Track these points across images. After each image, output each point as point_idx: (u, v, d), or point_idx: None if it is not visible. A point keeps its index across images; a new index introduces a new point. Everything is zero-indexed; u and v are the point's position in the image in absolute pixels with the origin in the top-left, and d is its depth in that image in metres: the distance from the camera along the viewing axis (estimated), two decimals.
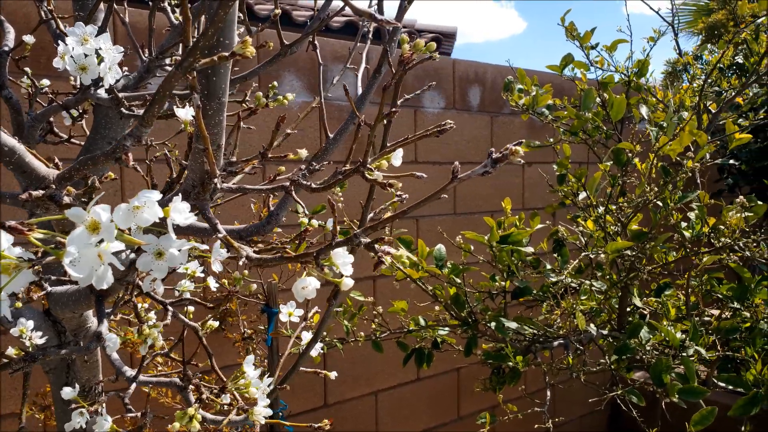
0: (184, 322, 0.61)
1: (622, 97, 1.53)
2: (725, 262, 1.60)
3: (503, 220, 1.42)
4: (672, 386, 1.20)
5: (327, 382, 2.03)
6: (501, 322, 1.36)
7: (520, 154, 0.40)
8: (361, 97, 0.81)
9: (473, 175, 0.42)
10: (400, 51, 0.76)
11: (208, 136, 0.41)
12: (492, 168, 0.41)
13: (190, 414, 0.53)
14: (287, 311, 0.82)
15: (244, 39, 0.37)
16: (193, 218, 0.37)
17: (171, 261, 0.41)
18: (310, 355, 0.78)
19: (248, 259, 0.44)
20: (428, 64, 2.30)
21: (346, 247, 0.46)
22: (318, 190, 0.53)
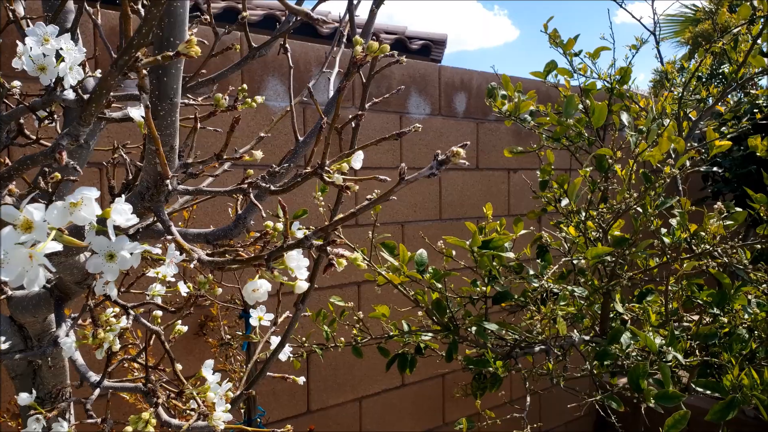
0: (146, 326, 0.61)
1: (603, 103, 1.54)
2: (706, 268, 1.61)
3: (485, 225, 1.42)
4: (648, 391, 1.20)
5: (310, 389, 2.02)
6: (482, 326, 1.36)
7: (462, 155, 0.40)
8: (331, 101, 0.81)
9: (420, 177, 0.42)
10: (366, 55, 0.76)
11: (159, 137, 0.41)
12: (437, 170, 0.41)
13: (144, 419, 0.52)
14: (257, 316, 0.81)
15: (189, 38, 0.37)
16: (135, 219, 0.37)
17: (122, 263, 0.41)
18: (280, 359, 0.78)
19: (200, 261, 0.43)
20: (414, 70, 2.31)
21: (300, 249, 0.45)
22: (277, 193, 0.53)
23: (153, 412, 0.54)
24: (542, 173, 1.73)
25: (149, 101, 0.40)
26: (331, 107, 0.80)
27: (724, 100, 2.29)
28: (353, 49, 0.50)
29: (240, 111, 0.79)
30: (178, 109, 0.48)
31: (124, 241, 0.41)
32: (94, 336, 0.54)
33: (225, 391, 0.62)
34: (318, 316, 1.39)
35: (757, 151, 1.86)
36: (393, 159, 2.24)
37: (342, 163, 0.54)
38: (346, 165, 0.55)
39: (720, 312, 1.62)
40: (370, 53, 0.48)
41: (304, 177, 0.52)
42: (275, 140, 1.90)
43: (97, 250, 0.39)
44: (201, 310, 1.68)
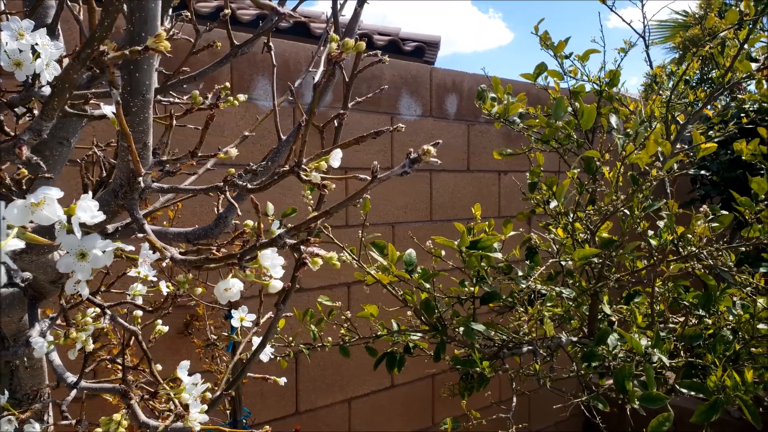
0: (123, 326, 0.61)
1: (592, 106, 1.55)
2: (692, 270, 1.62)
3: (473, 225, 1.43)
4: (633, 393, 1.21)
5: (299, 389, 2.02)
6: (469, 327, 1.36)
7: (432, 153, 0.40)
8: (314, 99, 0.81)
9: (392, 175, 0.43)
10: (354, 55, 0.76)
11: (131, 133, 0.41)
12: (410, 168, 0.41)
13: (116, 420, 0.52)
14: (238, 316, 0.81)
15: (158, 33, 0.37)
16: (101, 216, 0.36)
17: (94, 262, 0.40)
18: (263, 360, 0.78)
19: (173, 260, 0.43)
20: (405, 71, 2.31)
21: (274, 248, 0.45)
22: (254, 191, 0.53)
23: (126, 413, 0.53)
24: (531, 175, 1.74)
25: (121, 97, 0.40)
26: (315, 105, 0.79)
27: (712, 104, 2.30)
28: (329, 46, 0.50)
29: (222, 109, 0.79)
30: (152, 105, 0.48)
31: (95, 240, 0.41)
32: (66, 336, 0.54)
33: (201, 392, 0.62)
34: (305, 315, 1.39)
35: (742, 155, 1.87)
36: (384, 160, 2.24)
37: (320, 162, 0.54)
38: (324, 163, 0.55)
39: (705, 314, 1.63)
40: (345, 50, 0.48)
41: (281, 175, 0.52)
42: (264, 140, 1.90)
43: (67, 249, 0.39)
44: (187, 309, 1.67)
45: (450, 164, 2.47)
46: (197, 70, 0.78)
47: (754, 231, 1.51)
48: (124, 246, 0.45)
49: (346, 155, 2.18)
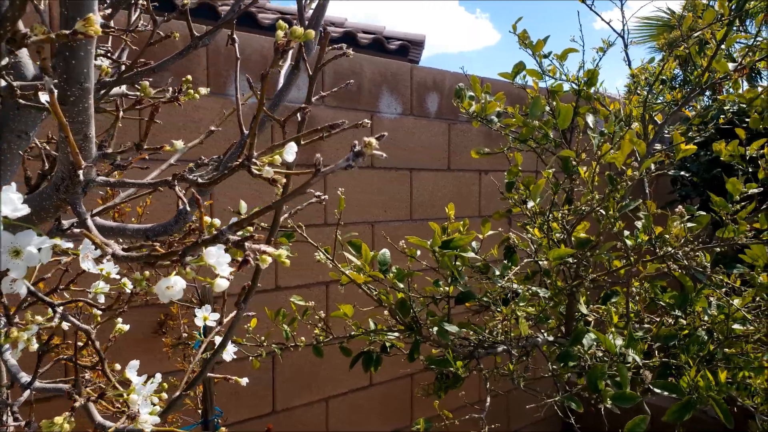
0: (74, 325, 0.59)
1: (568, 105, 1.54)
2: (668, 271, 1.62)
3: (447, 225, 1.42)
4: (606, 392, 1.21)
5: (276, 388, 2.00)
6: (443, 327, 1.35)
7: (374, 146, 0.39)
8: (279, 94, 0.79)
9: (337, 169, 0.41)
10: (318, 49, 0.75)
11: (67, 123, 0.39)
12: (353, 161, 0.40)
13: (58, 423, 0.50)
14: (202, 315, 0.79)
15: (88, 17, 0.35)
16: (25, 210, 0.35)
17: (29, 260, 0.39)
18: (224, 359, 0.76)
19: (114, 256, 0.41)
20: (385, 69, 2.30)
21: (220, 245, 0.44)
22: (205, 186, 0.51)
23: (69, 415, 0.51)
24: (509, 175, 1.73)
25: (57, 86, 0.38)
26: (278, 99, 0.78)
27: (691, 104, 2.32)
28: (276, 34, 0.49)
29: (198, 105, 0.77)
30: (92, 95, 0.46)
31: (31, 237, 0.39)
32: (6, 335, 0.52)
33: (151, 392, 0.60)
34: (277, 315, 1.37)
35: (721, 155, 1.88)
36: (363, 158, 2.23)
37: (274, 156, 0.53)
38: (279, 157, 0.53)
39: (681, 314, 1.64)
40: (293, 38, 0.47)
41: (231, 169, 0.50)
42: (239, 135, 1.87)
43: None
44: (160, 308, 1.65)
45: (430, 163, 2.46)
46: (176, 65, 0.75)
47: (729, 232, 1.52)
48: (62, 243, 0.43)
49: (324, 154, 2.16)
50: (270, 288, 1.96)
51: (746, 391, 1.40)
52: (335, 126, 0.53)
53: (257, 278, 0.73)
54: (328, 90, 2.11)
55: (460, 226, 1.44)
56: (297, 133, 0.75)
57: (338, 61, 2.14)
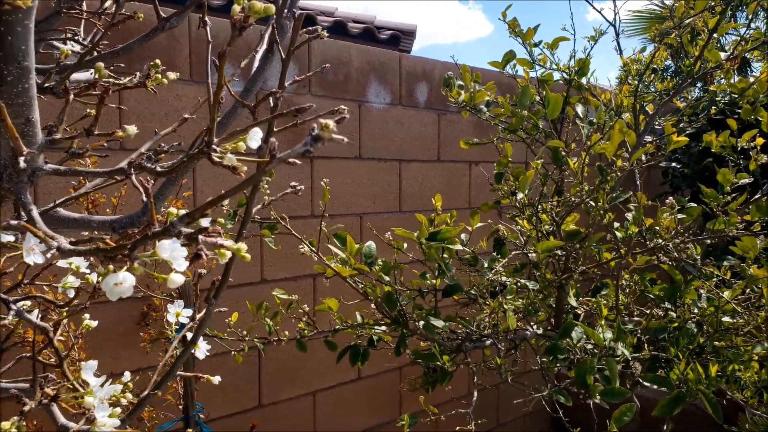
0: (30, 323, 0.55)
1: (558, 95, 1.51)
2: (658, 263, 1.60)
3: (434, 216, 1.39)
4: (594, 387, 1.19)
5: (261, 383, 1.97)
6: (429, 321, 1.33)
7: (332, 128, 0.36)
8: (252, 79, 0.75)
9: (294, 154, 0.38)
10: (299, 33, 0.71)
11: (3, 105, 0.36)
12: (312, 146, 0.37)
13: (5, 428, 0.47)
14: (174, 311, 0.76)
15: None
16: None
17: None
18: (198, 356, 0.73)
19: (59, 250, 0.38)
20: (373, 57, 2.26)
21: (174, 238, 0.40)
22: (163, 174, 0.48)
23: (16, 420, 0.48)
24: (498, 165, 1.70)
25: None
26: (252, 84, 0.74)
27: (682, 95, 2.29)
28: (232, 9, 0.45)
29: (179, 93, 0.74)
30: (33, 75, 0.42)
31: None
32: None
33: (110, 394, 0.57)
34: (259, 309, 1.34)
35: (711, 147, 1.86)
36: (350, 148, 2.19)
37: (237, 143, 0.49)
38: (243, 144, 0.50)
39: (671, 306, 1.62)
40: (252, 14, 0.43)
41: (191, 157, 0.46)
42: None
43: None
44: (143, 300, 1.61)
45: (420, 154, 2.43)
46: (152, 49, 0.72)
47: (719, 223, 1.50)
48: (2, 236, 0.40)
49: None
50: (255, 281, 1.93)
51: (736, 384, 1.38)
52: (302, 110, 0.49)
53: (228, 272, 0.70)
54: (314, 80, 2.07)
55: (447, 218, 1.41)
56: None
57: (326, 49, 2.10)
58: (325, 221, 2.14)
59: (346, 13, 4.88)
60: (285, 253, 1.96)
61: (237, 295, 1.89)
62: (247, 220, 0.69)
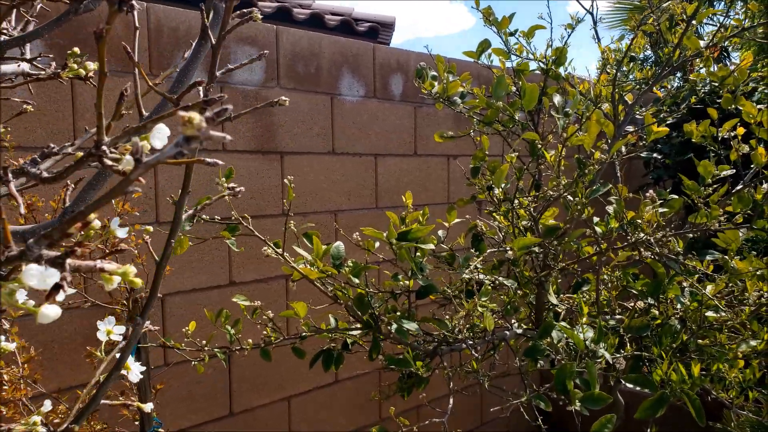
0: None
1: (534, 85, 1.45)
2: (639, 258, 1.55)
3: (405, 215, 1.32)
4: (574, 394, 1.13)
5: (232, 389, 1.89)
6: (401, 325, 1.26)
7: (197, 123, 0.28)
8: (183, 70, 0.67)
9: (164, 158, 0.30)
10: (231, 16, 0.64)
11: None
12: (185, 147, 0.29)
13: None
14: (104, 329, 0.68)
15: None
16: None
17: None
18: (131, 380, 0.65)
19: None
20: (345, 49, 2.17)
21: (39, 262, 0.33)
22: (49, 181, 0.40)
23: None
24: (474, 159, 1.64)
25: None
26: (183, 76, 0.66)
27: (662, 85, 2.24)
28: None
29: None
30: None
31: None
32: None
33: None
34: (218, 316, 1.26)
35: (692, 137, 1.81)
36: (324, 143, 2.11)
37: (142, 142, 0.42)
38: (147, 143, 0.42)
39: (654, 302, 1.58)
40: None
41: (79, 161, 0.39)
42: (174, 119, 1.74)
43: None
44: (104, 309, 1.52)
45: (396, 148, 2.36)
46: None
47: (701, 216, 1.45)
48: None
49: (280, 138, 2.04)
50: (223, 284, 1.85)
51: (721, 383, 1.33)
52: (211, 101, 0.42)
53: (157, 287, 0.62)
54: (284, 73, 1.99)
55: (419, 216, 1.34)
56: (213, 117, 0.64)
57: (296, 40, 2.01)
58: (298, 219, 2.06)
59: (323, 6, 4.78)
60: (255, 253, 1.88)
61: (204, 300, 1.80)
62: (176, 227, 0.61)
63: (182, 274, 1.75)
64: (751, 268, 1.51)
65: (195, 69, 0.70)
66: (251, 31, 1.90)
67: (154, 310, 1.71)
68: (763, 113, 1.60)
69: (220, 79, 1.83)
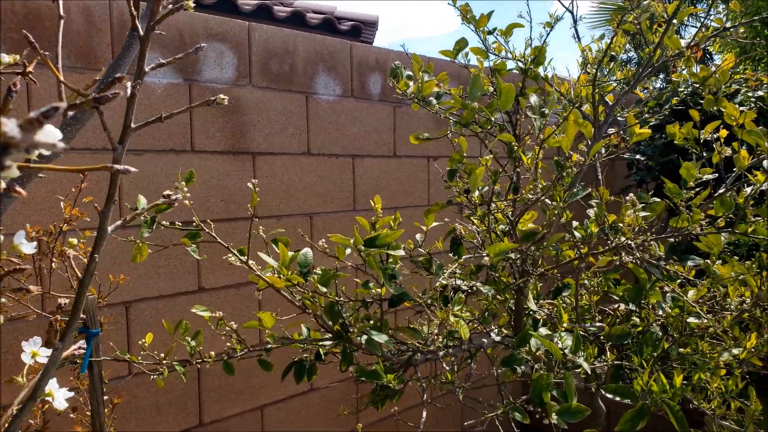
0: None
1: (510, 85, 1.40)
2: (620, 263, 1.51)
3: (375, 219, 1.26)
4: (551, 406, 1.08)
5: (202, 399, 1.82)
6: (371, 337, 1.20)
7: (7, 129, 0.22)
8: (114, 63, 0.61)
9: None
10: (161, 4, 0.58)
11: None
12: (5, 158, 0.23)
13: None
14: (30, 350, 0.62)
15: None
16: None
17: None
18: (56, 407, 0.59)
19: None
20: (321, 46, 2.11)
21: None
22: None
23: None
24: (451, 161, 1.59)
25: None
26: (114, 69, 0.60)
27: (645, 86, 2.21)
28: None
29: None
30: None
31: None
32: None
33: None
34: (177, 328, 1.19)
35: (675, 138, 1.78)
36: (299, 144, 2.05)
37: None
38: None
39: (636, 308, 1.54)
40: None
41: None
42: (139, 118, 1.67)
43: None
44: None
45: (375, 149, 2.30)
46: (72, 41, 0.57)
47: (683, 221, 1.41)
48: None
49: (253, 139, 1.97)
50: (192, 290, 1.78)
51: (702, 393, 1.29)
52: (105, 98, 0.36)
53: (80, 304, 0.55)
54: (256, 71, 1.92)
55: (390, 221, 1.28)
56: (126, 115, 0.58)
57: (269, 37, 1.95)
58: (271, 222, 1.99)
59: (306, 4, 4.72)
60: (226, 258, 1.81)
61: (171, 307, 1.73)
62: (101, 239, 0.54)
63: (147, 280, 1.68)
64: (733, 273, 1.47)
65: (126, 64, 0.64)
66: (222, 27, 1.83)
67: (118, 318, 1.63)
68: (746, 115, 1.57)
69: (189, 78, 1.76)
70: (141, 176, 1.68)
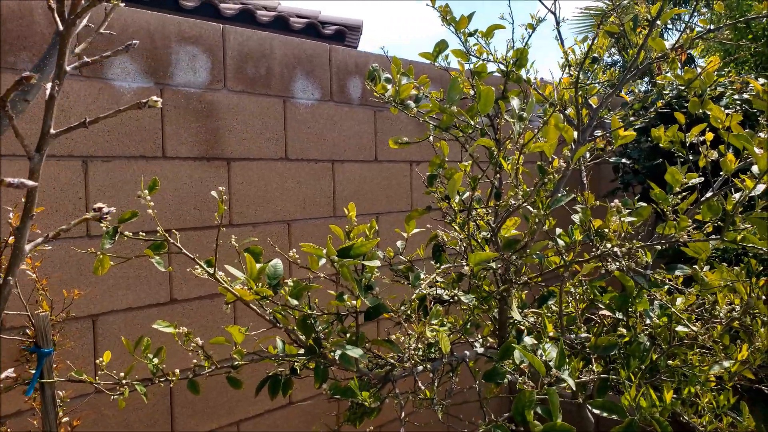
0: None
1: (489, 88, 1.34)
2: (605, 271, 1.46)
3: (349, 228, 1.20)
4: (533, 426, 1.02)
5: (174, 414, 1.75)
6: (345, 352, 1.14)
7: None
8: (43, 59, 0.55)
9: None
10: None
11: None
12: None
13: None
14: None
15: None
16: None
17: None
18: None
19: None
20: (299, 50, 2.05)
21: None
22: None
23: None
24: (431, 166, 1.53)
25: None
26: (43, 64, 0.54)
27: (630, 89, 2.17)
28: None
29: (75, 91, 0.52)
30: None
31: None
32: None
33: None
34: (137, 345, 1.12)
35: (660, 142, 1.73)
36: (277, 149, 1.99)
37: None
38: None
39: (623, 316, 1.49)
40: None
41: None
42: (123, 127, 1.60)
43: None
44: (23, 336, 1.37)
45: (355, 154, 2.24)
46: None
47: (670, 227, 1.36)
48: None
49: (229, 145, 1.90)
50: (163, 301, 1.70)
51: (693, 407, 1.24)
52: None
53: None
54: (231, 74, 1.86)
55: (365, 229, 1.22)
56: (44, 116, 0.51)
57: (244, 40, 1.89)
58: (247, 230, 1.92)
59: (290, 8, 4.66)
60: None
61: (142, 319, 1.66)
62: (17, 258, 0.48)
63: (116, 292, 1.61)
64: (722, 281, 1.43)
65: (53, 60, 0.57)
66: (195, 30, 1.77)
67: (84, 333, 1.55)
68: (731, 118, 1.53)
69: (160, 82, 1.69)
70: (109, 184, 1.61)
